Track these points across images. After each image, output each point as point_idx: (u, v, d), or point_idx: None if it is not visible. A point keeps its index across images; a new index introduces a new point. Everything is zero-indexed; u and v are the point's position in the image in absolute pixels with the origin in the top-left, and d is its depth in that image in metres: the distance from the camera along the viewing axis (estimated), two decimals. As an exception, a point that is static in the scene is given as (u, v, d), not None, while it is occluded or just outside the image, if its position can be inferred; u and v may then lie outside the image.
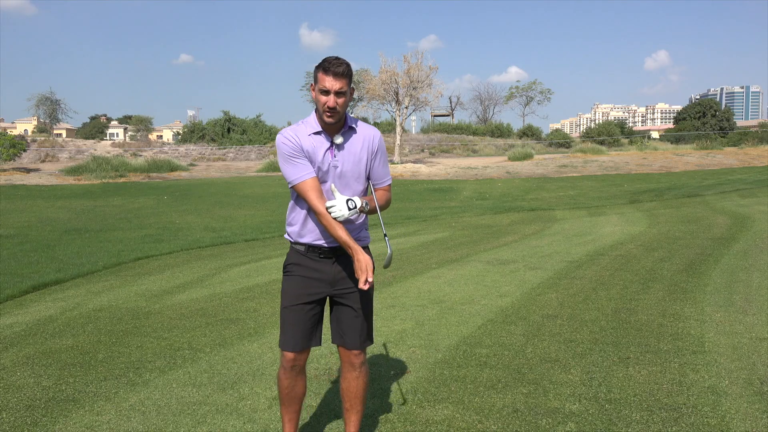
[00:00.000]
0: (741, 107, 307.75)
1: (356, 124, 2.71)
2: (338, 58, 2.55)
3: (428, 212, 14.84)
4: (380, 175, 2.77)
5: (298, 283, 2.72)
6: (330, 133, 2.65)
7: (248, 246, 9.97)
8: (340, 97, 2.54)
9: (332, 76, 2.52)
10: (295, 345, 2.71)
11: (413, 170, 28.82)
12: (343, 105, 2.56)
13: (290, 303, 2.72)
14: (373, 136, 2.72)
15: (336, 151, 2.65)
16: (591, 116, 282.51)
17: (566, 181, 22.85)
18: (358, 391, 2.80)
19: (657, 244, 8.69)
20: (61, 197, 19.68)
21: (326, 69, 2.52)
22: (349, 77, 2.56)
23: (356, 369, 2.78)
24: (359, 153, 2.68)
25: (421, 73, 31.09)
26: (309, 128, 2.65)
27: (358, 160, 2.68)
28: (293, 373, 2.77)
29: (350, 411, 2.84)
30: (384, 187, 2.80)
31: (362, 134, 2.70)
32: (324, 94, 2.54)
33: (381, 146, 2.75)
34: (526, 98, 68.58)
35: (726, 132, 55.18)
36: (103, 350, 4.50)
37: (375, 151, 2.72)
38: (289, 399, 2.81)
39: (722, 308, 5.27)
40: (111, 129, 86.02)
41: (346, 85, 2.54)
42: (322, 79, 2.53)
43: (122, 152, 37.03)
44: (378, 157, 2.74)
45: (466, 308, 5.50)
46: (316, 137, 2.63)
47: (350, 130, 2.68)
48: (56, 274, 7.49)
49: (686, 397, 3.43)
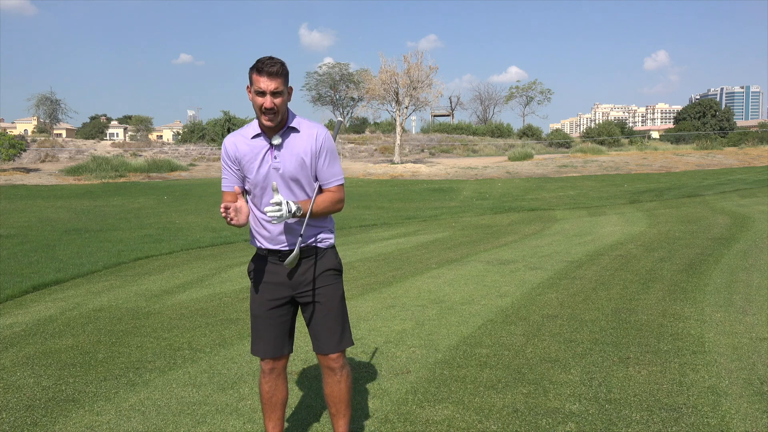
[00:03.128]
0: (741, 107, 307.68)
1: (299, 124, 2.61)
2: (272, 58, 2.47)
3: (428, 212, 14.84)
4: (327, 176, 2.64)
5: (261, 289, 2.68)
6: (270, 135, 2.57)
7: (248, 246, 9.96)
8: (277, 97, 2.46)
9: (266, 76, 2.44)
10: (266, 352, 2.68)
11: (413, 170, 28.82)
12: (281, 105, 2.48)
13: (257, 310, 2.69)
14: (316, 135, 2.59)
15: (276, 152, 2.56)
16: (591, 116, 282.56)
17: (566, 181, 22.85)
18: (342, 395, 2.72)
19: (657, 244, 8.69)
20: (61, 197, 19.68)
21: (260, 69, 2.45)
22: (285, 76, 2.48)
23: (336, 373, 2.70)
24: (301, 153, 2.57)
25: (421, 73, 31.13)
26: (251, 131, 2.59)
27: (300, 161, 2.56)
28: (272, 377, 2.74)
29: (337, 416, 2.76)
30: (333, 188, 2.66)
31: (305, 133, 2.59)
32: (260, 96, 2.46)
33: (326, 144, 2.61)
34: (526, 98, 68.67)
35: (726, 132, 55.17)
36: (103, 350, 4.50)
37: (318, 150, 2.59)
38: (270, 405, 2.77)
39: (722, 308, 5.27)
40: (111, 129, 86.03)
41: (282, 84, 2.47)
42: (256, 80, 2.46)
43: (122, 152, 37.04)
44: (323, 156, 2.60)
45: (466, 308, 5.50)
46: (256, 140, 2.58)
47: (290, 130, 2.58)
48: (56, 274, 7.49)
49: (686, 397, 3.43)
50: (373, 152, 41.47)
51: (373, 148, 42.28)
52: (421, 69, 31.14)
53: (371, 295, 6.08)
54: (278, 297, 2.67)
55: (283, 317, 2.70)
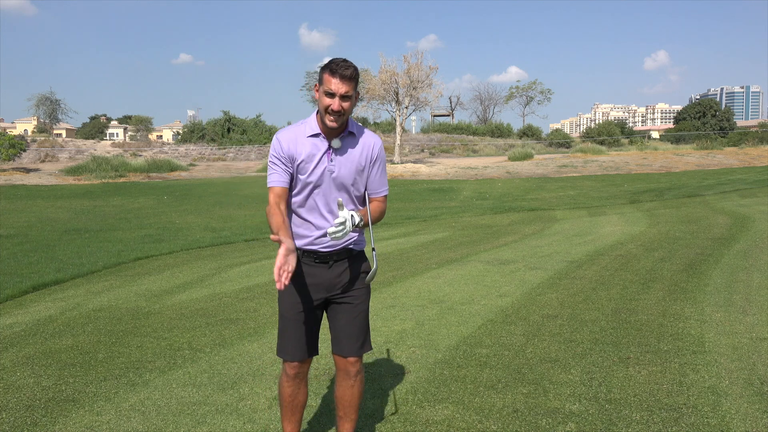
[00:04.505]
0: (741, 107, 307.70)
1: (357, 130, 2.61)
2: (346, 61, 2.45)
3: (428, 212, 14.84)
4: (377, 185, 2.66)
5: (294, 291, 2.62)
6: (329, 137, 2.55)
7: (248, 246, 9.97)
8: (346, 101, 2.45)
9: (339, 78, 2.42)
10: (295, 355, 2.64)
11: (413, 170, 28.82)
12: (348, 109, 2.47)
13: (289, 312, 2.64)
14: (373, 144, 2.62)
15: (333, 155, 2.55)
16: (591, 116, 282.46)
17: (566, 181, 22.85)
18: (353, 399, 2.71)
19: (657, 244, 8.69)
20: (61, 197, 19.69)
21: (333, 71, 2.43)
22: (356, 81, 2.47)
23: (351, 377, 2.69)
24: (357, 159, 2.58)
25: (421, 73, 31.09)
26: (308, 129, 2.57)
27: (355, 167, 2.58)
28: (297, 381, 2.71)
29: (344, 419, 2.76)
30: (380, 198, 2.69)
31: (362, 141, 2.60)
32: (329, 97, 2.44)
33: (381, 155, 2.65)
34: (526, 98, 68.62)
35: (726, 132, 55.18)
36: (103, 350, 4.50)
37: (374, 160, 2.62)
38: (292, 408, 2.75)
39: (722, 308, 5.27)
40: (111, 129, 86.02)
41: (352, 89, 2.45)
42: (327, 81, 2.44)
43: (122, 152, 37.05)
44: (377, 166, 2.64)
45: (466, 308, 5.50)
46: (314, 139, 2.55)
47: (350, 136, 2.58)
48: (56, 274, 7.48)
49: (686, 397, 3.43)
50: (373, 152, 41.42)
51: (373, 148, 42.22)
52: (421, 69, 31.11)
53: (371, 295, 6.07)
54: (312, 299, 2.64)
55: (314, 320, 2.68)
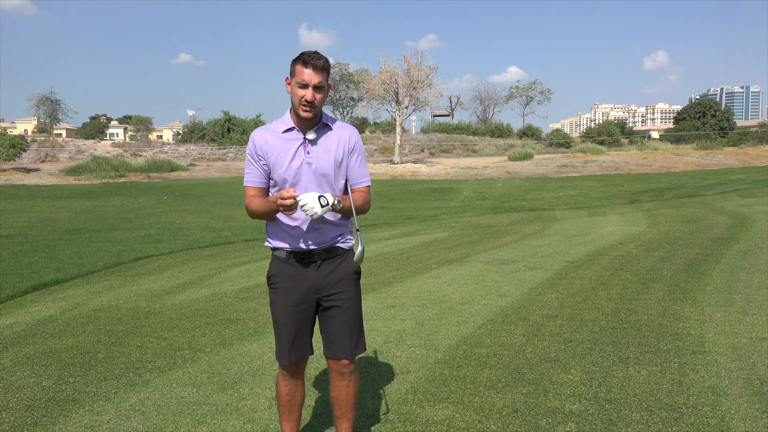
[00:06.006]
0: (741, 107, 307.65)
1: (332, 122, 2.63)
2: (317, 52, 2.48)
3: (428, 212, 14.84)
4: (358, 175, 2.67)
5: (283, 295, 2.63)
6: (303, 130, 2.57)
7: (248, 246, 9.97)
8: (319, 92, 2.48)
9: (312, 69, 2.45)
10: (290, 358, 2.65)
11: (413, 170, 28.82)
12: (320, 100, 2.50)
13: (280, 317, 2.64)
14: (350, 134, 2.64)
15: (309, 147, 2.57)
16: (591, 116, 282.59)
17: (566, 181, 22.85)
18: (349, 399, 2.72)
19: (657, 244, 8.69)
20: (61, 197, 19.69)
21: (306, 62, 2.46)
22: (328, 72, 2.51)
23: (346, 378, 2.69)
24: (334, 151, 2.59)
25: (421, 73, 31.10)
26: (282, 125, 2.59)
27: (333, 158, 2.58)
28: (294, 380, 2.73)
29: (341, 419, 2.76)
30: (361, 189, 2.68)
31: (338, 132, 2.62)
32: (302, 88, 2.47)
33: (358, 145, 2.66)
34: (526, 98, 68.64)
35: (726, 132, 55.18)
36: (103, 350, 4.50)
37: (352, 149, 2.63)
38: (289, 406, 2.76)
39: (722, 308, 5.27)
40: (111, 129, 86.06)
41: (324, 79, 2.49)
42: (300, 72, 2.47)
43: (122, 152, 37.03)
44: (355, 156, 2.65)
45: (466, 308, 5.50)
46: (289, 134, 2.57)
47: (325, 127, 2.61)
48: (56, 274, 7.49)
49: (686, 397, 3.43)
50: (373, 152, 41.46)
51: (373, 148, 42.27)
52: (421, 69, 31.11)
53: (371, 295, 6.08)
54: (303, 302, 2.63)
55: (306, 321, 2.67)
